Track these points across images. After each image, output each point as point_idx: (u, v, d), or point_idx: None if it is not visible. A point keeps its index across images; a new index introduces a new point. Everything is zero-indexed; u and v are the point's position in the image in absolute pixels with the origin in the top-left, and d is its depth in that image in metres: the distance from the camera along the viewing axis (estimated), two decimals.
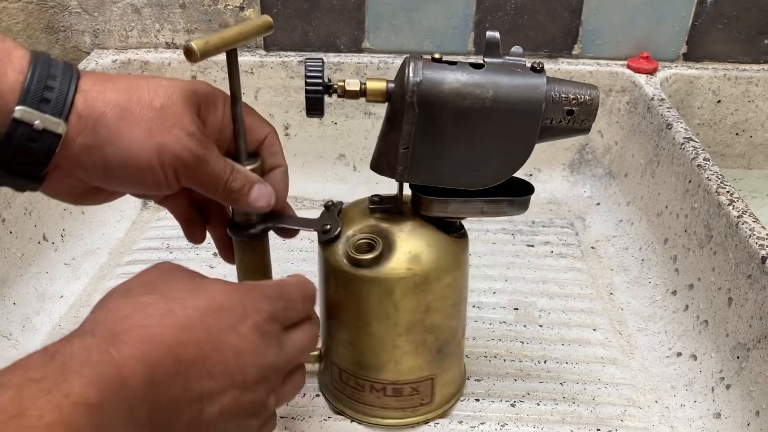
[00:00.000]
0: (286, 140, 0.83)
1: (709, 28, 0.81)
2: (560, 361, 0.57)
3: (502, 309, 0.63)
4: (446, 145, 0.43)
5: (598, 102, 0.43)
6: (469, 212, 0.45)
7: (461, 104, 0.41)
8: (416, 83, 0.41)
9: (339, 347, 0.49)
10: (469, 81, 0.41)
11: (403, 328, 0.46)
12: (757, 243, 0.51)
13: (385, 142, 0.44)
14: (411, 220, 0.46)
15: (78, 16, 0.82)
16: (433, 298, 0.46)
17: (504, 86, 0.41)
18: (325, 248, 0.46)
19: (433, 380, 0.49)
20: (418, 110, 0.41)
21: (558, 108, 0.42)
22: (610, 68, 0.81)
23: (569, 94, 0.42)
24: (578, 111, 0.42)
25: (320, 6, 0.81)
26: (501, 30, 0.81)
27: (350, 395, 0.50)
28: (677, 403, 0.54)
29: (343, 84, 0.42)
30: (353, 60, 0.81)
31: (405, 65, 0.41)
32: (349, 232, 0.46)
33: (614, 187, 0.80)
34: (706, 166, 0.61)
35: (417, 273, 0.44)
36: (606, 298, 0.65)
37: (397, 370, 0.48)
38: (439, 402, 0.51)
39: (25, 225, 0.64)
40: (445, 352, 0.49)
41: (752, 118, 0.84)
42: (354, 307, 0.46)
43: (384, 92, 0.42)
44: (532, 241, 0.73)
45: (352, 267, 0.44)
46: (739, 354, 0.51)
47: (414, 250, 0.45)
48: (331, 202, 0.48)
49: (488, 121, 0.42)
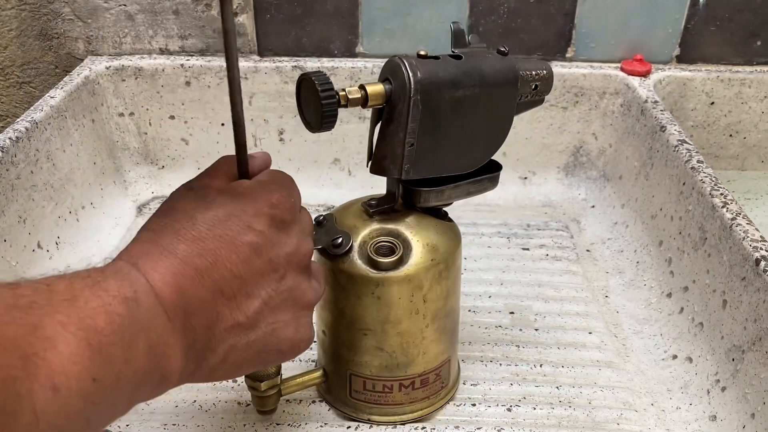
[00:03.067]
0: (280, 145, 0.83)
1: (701, 30, 0.82)
2: (556, 365, 0.57)
3: (497, 313, 0.63)
4: (444, 135, 0.45)
5: (552, 74, 0.48)
6: (459, 195, 0.48)
7: (455, 94, 0.43)
8: (419, 81, 0.42)
9: (363, 356, 0.48)
10: (458, 71, 0.43)
11: (430, 318, 0.47)
12: (751, 245, 0.51)
13: (385, 143, 0.44)
14: (411, 215, 0.47)
15: (71, 22, 0.82)
16: (451, 282, 0.48)
17: (486, 72, 0.44)
18: (337, 261, 0.46)
19: (450, 361, 0.51)
20: (422, 106, 0.42)
21: (526, 85, 0.47)
22: (603, 71, 0.81)
23: (532, 71, 0.47)
24: (540, 85, 0.47)
25: (314, 11, 0.81)
26: (494, 34, 0.82)
27: (376, 401, 0.50)
28: (673, 406, 0.54)
29: (345, 93, 0.42)
30: (347, 65, 0.81)
31: (398, 66, 0.42)
32: (359, 239, 0.46)
33: (609, 189, 0.80)
34: (699, 169, 0.62)
35: (439, 261, 0.46)
36: (601, 300, 0.65)
37: (425, 361, 0.49)
38: (453, 380, 0.53)
39: (19, 233, 0.63)
40: (455, 330, 0.51)
41: (746, 119, 0.84)
42: (383, 311, 0.46)
43: (383, 95, 0.43)
44: (527, 244, 0.73)
45: (378, 272, 0.45)
46: (734, 356, 0.51)
47: (429, 242, 0.46)
48: (321, 217, 0.47)
49: (477, 106, 0.45)
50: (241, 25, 0.81)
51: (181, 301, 0.32)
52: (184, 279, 0.32)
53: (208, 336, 0.34)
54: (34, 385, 0.25)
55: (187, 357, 0.33)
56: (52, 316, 0.27)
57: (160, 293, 0.31)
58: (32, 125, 0.67)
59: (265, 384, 0.47)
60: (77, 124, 0.75)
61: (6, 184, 0.62)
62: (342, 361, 0.49)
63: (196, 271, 0.33)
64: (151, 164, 0.84)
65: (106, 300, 0.29)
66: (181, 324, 0.32)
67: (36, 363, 0.25)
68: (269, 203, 0.36)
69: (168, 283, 0.32)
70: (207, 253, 0.33)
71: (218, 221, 0.34)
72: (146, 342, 0.30)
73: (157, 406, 0.52)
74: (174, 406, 0.52)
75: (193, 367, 0.34)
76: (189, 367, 0.33)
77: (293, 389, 0.51)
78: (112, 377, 0.28)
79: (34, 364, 0.25)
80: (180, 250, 0.33)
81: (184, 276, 0.32)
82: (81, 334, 0.27)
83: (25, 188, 0.65)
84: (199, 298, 0.33)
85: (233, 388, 0.54)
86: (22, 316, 0.26)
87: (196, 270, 0.33)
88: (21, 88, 0.87)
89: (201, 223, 0.34)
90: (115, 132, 0.82)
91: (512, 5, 0.80)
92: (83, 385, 0.27)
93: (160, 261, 0.32)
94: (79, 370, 0.27)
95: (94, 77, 0.79)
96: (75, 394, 0.27)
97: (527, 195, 0.82)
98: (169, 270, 0.32)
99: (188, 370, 0.33)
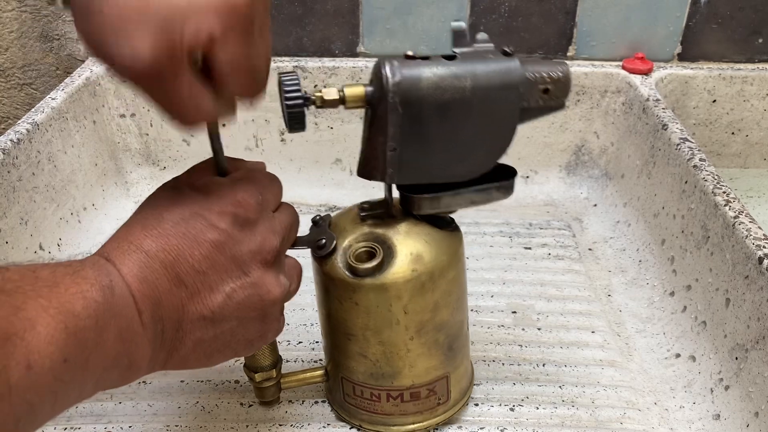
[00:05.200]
0: (282, 146, 0.83)
1: (703, 28, 0.82)
2: (559, 364, 0.57)
3: (500, 312, 0.63)
4: (432, 140, 0.42)
5: (570, 77, 0.43)
6: (460, 204, 0.45)
7: (441, 97, 0.41)
8: (396, 83, 0.40)
9: (349, 361, 0.48)
10: (446, 73, 0.41)
11: (414, 330, 0.46)
12: (754, 243, 0.51)
13: (369, 147, 0.43)
14: (404, 222, 0.46)
15: (72, 24, 0.82)
16: (439, 295, 0.45)
17: (480, 74, 0.41)
18: (322, 264, 0.46)
19: (448, 378, 0.49)
20: (402, 110, 0.40)
21: (534, 88, 0.42)
22: (605, 69, 0.81)
23: (542, 73, 0.42)
24: (554, 88, 0.43)
25: (314, 11, 0.81)
26: (495, 33, 0.81)
27: (366, 408, 0.49)
28: (676, 405, 0.54)
29: (321, 94, 0.41)
30: (348, 64, 0.81)
31: (380, 67, 0.40)
32: (345, 243, 0.45)
33: (611, 188, 0.80)
34: (702, 167, 0.61)
35: (422, 273, 0.44)
36: (604, 299, 0.65)
37: (413, 374, 0.47)
38: (455, 398, 0.51)
39: (21, 235, 0.63)
40: (455, 347, 0.48)
41: (748, 117, 0.84)
42: (362, 317, 0.45)
43: (363, 97, 0.41)
44: (529, 243, 0.73)
45: (355, 278, 0.44)
46: (737, 355, 0.51)
47: (415, 251, 0.44)
48: (318, 217, 0.47)
49: (470, 111, 0.42)
50: None
51: (148, 292, 0.34)
52: (150, 272, 0.35)
53: (175, 327, 0.36)
54: (11, 361, 0.27)
55: (155, 346, 0.35)
56: (35, 299, 0.29)
57: (130, 284, 0.34)
58: (33, 127, 0.67)
59: (259, 375, 0.49)
60: (78, 126, 0.75)
61: (7, 186, 0.62)
62: (335, 362, 0.49)
63: (161, 264, 0.35)
64: (153, 165, 0.84)
65: (84, 287, 0.31)
66: (150, 314, 0.34)
67: (14, 342, 0.28)
68: (233, 201, 0.38)
69: (136, 275, 0.34)
70: (171, 249, 0.36)
71: (182, 219, 0.36)
72: (117, 328, 0.32)
73: (159, 407, 0.52)
74: (177, 407, 0.52)
75: (164, 355, 0.36)
76: (160, 356, 0.36)
77: (293, 384, 0.51)
78: (82, 359, 0.31)
79: (13, 343, 0.28)
80: (146, 245, 0.35)
81: (150, 269, 0.35)
82: (60, 317, 0.29)
83: (27, 190, 0.65)
84: (164, 290, 0.35)
85: (235, 389, 0.54)
86: (7, 299, 0.29)
87: (162, 264, 0.35)
88: (22, 89, 0.87)
89: (167, 221, 0.36)
90: (117, 133, 0.82)
91: (513, 4, 0.80)
92: (55, 365, 0.29)
93: (129, 255, 0.35)
94: (53, 351, 0.29)
95: (95, 78, 0.79)
96: (47, 372, 0.29)
97: (529, 194, 0.82)
98: (137, 263, 0.35)
99: (159, 359, 0.36)
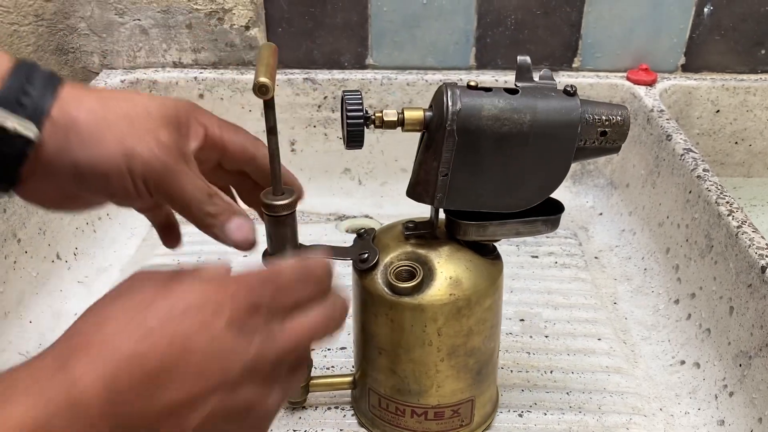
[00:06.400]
0: (292, 156, 0.84)
1: (706, 39, 0.83)
2: (566, 371, 0.58)
3: (508, 320, 0.64)
4: (484, 169, 0.43)
5: (629, 122, 0.44)
6: (505, 234, 0.46)
7: (499, 130, 0.42)
8: (456, 111, 0.41)
9: (378, 374, 0.49)
10: (506, 107, 0.41)
11: (446, 353, 0.46)
12: (757, 253, 0.52)
13: (422, 169, 0.43)
14: (447, 245, 0.46)
15: (87, 37, 0.84)
16: (474, 321, 0.46)
17: (540, 110, 0.42)
18: (362, 277, 0.46)
19: (473, 401, 0.49)
20: (458, 138, 0.41)
21: (592, 129, 0.43)
22: (609, 80, 0.82)
23: (602, 116, 0.43)
24: (611, 132, 0.43)
25: (324, 24, 0.83)
26: (502, 45, 0.83)
27: (390, 421, 0.50)
28: (681, 411, 0.55)
29: (381, 115, 0.42)
30: (357, 77, 0.83)
31: (442, 93, 0.41)
32: (387, 259, 0.46)
33: (616, 197, 0.81)
34: (705, 177, 0.63)
35: (459, 298, 0.45)
36: (610, 307, 0.66)
37: (439, 395, 0.48)
38: (478, 422, 0.51)
39: (39, 244, 0.65)
40: (483, 373, 0.49)
41: (751, 126, 0.85)
42: (395, 334, 0.46)
43: (422, 121, 0.42)
44: (536, 252, 0.74)
45: (394, 295, 0.45)
46: (741, 362, 0.52)
47: (454, 275, 0.45)
48: (363, 230, 0.48)
49: (525, 145, 0.42)
50: (253, 39, 0.83)
51: (109, 411, 0.28)
52: (121, 386, 0.29)
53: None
54: None
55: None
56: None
57: (84, 400, 0.28)
58: None
59: None
60: None
61: None
62: (364, 372, 0.50)
63: (137, 374, 0.29)
64: None
65: (35, 411, 0.27)
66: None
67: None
68: (234, 300, 0.32)
69: (98, 390, 0.28)
70: (153, 354, 0.30)
71: (174, 316, 0.31)
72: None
73: None
74: None
75: None
76: None
77: (322, 388, 0.52)
78: None
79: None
80: (124, 350, 0.29)
81: (121, 382, 0.29)
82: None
83: None
84: (134, 409, 0.29)
85: None
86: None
87: (139, 373, 0.29)
88: None
89: (153, 318, 0.30)
90: None
91: (519, 17, 0.81)
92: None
93: (97, 361, 0.29)
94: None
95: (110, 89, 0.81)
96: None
97: None
98: (107, 373, 0.29)
99: None
